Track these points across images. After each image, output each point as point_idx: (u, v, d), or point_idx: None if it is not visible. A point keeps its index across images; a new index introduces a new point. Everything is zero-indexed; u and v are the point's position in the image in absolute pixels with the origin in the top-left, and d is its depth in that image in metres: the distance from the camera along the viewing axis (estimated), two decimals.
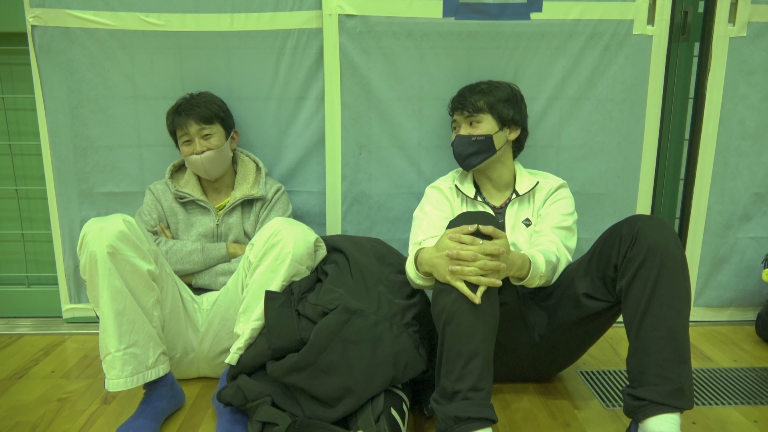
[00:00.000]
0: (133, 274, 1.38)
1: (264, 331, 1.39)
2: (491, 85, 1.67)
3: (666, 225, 1.26)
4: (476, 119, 1.63)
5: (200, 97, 1.76)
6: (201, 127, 1.71)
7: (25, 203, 2.13)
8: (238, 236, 1.77)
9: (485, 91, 1.65)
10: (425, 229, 1.59)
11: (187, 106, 1.72)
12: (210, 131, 1.73)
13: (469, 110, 1.63)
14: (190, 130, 1.70)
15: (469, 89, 1.68)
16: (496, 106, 1.63)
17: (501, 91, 1.65)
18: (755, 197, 2.05)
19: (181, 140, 1.73)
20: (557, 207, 1.61)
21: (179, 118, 1.71)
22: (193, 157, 1.71)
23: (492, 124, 1.63)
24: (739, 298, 2.12)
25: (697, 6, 1.97)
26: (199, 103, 1.73)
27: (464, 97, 1.66)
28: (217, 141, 1.73)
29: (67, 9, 1.85)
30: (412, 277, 1.43)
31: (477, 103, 1.63)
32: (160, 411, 1.42)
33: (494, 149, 1.63)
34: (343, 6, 1.87)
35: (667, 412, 1.17)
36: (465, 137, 1.64)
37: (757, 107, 1.99)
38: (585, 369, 1.75)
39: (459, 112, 1.67)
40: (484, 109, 1.63)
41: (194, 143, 1.71)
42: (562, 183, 1.67)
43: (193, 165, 1.73)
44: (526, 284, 1.38)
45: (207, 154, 1.71)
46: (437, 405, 1.24)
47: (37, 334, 2.03)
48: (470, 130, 1.64)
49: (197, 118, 1.70)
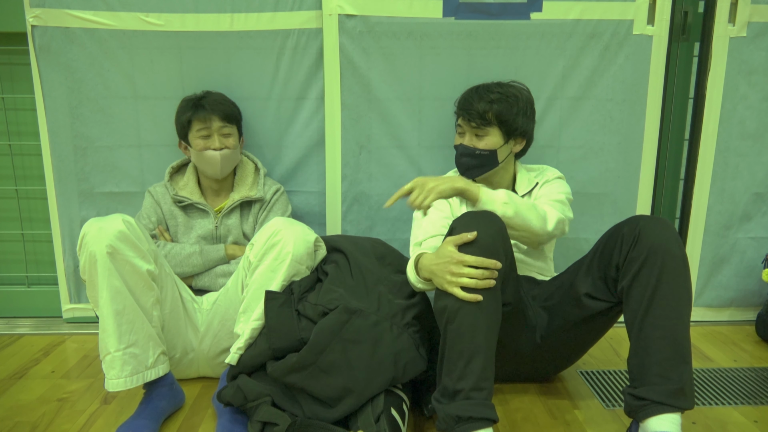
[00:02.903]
0: (133, 273, 1.38)
1: (264, 331, 1.38)
2: (502, 93, 1.56)
3: (668, 225, 1.25)
4: (483, 132, 1.56)
5: (220, 95, 1.78)
6: (223, 125, 1.73)
7: (25, 203, 2.13)
8: (238, 238, 1.77)
9: (495, 101, 1.54)
10: (425, 228, 1.58)
11: (211, 101, 1.73)
12: (230, 131, 1.75)
13: (476, 122, 1.55)
14: (213, 124, 1.71)
15: (479, 95, 1.57)
16: (506, 120, 1.55)
17: (512, 101, 1.55)
18: (755, 197, 2.05)
19: (198, 133, 1.71)
20: (551, 188, 1.60)
21: (202, 111, 1.71)
22: (210, 153, 1.71)
23: (498, 137, 1.57)
24: (739, 298, 2.12)
25: (697, 6, 1.97)
26: (222, 101, 1.75)
27: (471, 104, 1.56)
28: (234, 142, 1.76)
29: (67, 9, 1.85)
30: (413, 281, 1.42)
31: (486, 115, 1.54)
32: (160, 411, 1.42)
33: (497, 163, 1.59)
34: (343, 6, 1.87)
35: (667, 411, 1.17)
36: (469, 149, 1.57)
37: (757, 107, 1.99)
38: (585, 369, 1.74)
39: (465, 120, 1.58)
40: (492, 122, 1.55)
41: (213, 138, 1.71)
42: (558, 175, 1.66)
43: (209, 160, 1.72)
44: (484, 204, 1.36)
45: (225, 152, 1.72)
46: (438, 404, 1.24)
47: (37, 334, 2.03)
48: (475, 142, 1.57)
49: (221, 114, 1.72)
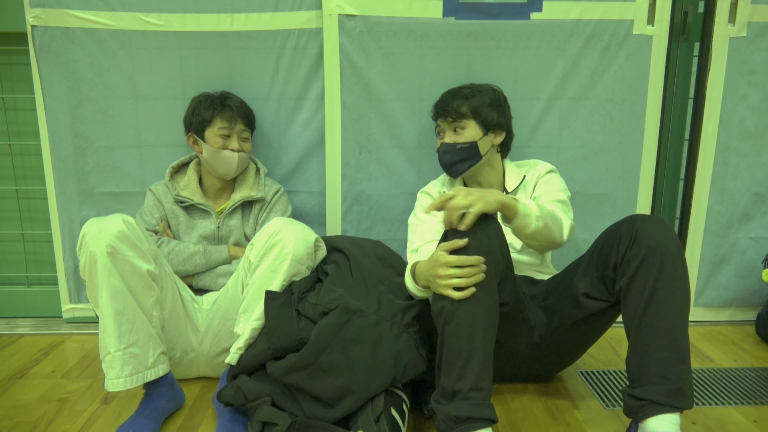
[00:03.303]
0: (133, 273, 1.38)
1: (264, 331, 1.38)
2: (473, 89, 1.65)
3: (665, 224, 1.25)
4: (460, 125, 1.62)
5: (240, 99, 1.80)
6: (244, 128, 1.77)
7: (25, 203, 2.13)
8: (239, 239, 1.77)
9: (468, 96, 1.62)
10: (420, 233, 1.60)
11: (237, 103, 1.76)
12: (248, 135, 1.80)
13: (452, 116, 1.61)
14: (236, 126, 1.74)
15: (452, 94, 1.65)
16: (480, 111, 1.61)
17: (484, 95, 1.63)
18: (755, 197, 2.05)
19: (219, 131, 1.72)
20: (549, 185, 1.61)
21: (229, 111, 1.73)
22: (228, 153, 1.72)
23: (476, 129, 1.62)
24: (739, 298, 2.12)
25: (697, 6, 1.97)
26: (246, 106, 1.80)
27: (446, 102, 1.64)
28: (250, 147, 1.81)
29: (67, 9, 1.85)
30: (412, 290, 1.43)
31: (460, 109, 1.61)
32: (160, 411, 1.42)
33: (480, 155, 1.62)
34: (343, 6, 1.87)
35: (667, 412, 1.17)
36: (450, 145, 1.63)
37: (757, 107, 1.99)
38: (585, 369, 1.74)
39: (442, 119, 1.65)
40: (468, 115, 1.61)
41: (233, 139, 1.73)
42: (550, 168, 1.66)
43: (224, 160, 1.72)
44: (520, 226, 1.32)
45: (242, 155, 1.75)
46: (437, 405, 1.24)
47: (37, 334, 2.03)
48: (455, 138, 1.63)
49: (245, 119, 1.77)
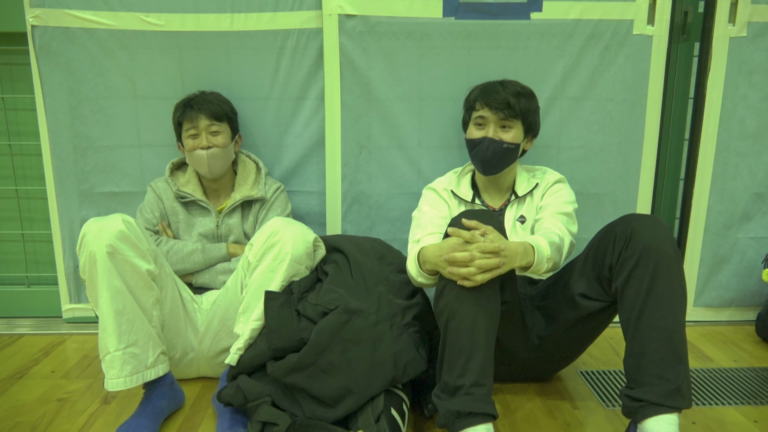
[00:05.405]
0: (133, 273, 1.38)
1: (264, 331, 1.39)
2: (525, 88, 1.56)
3: (660, 224, 1.24)
4: (509, 123, 1.53)
5: (212, 95, 1.79)
6: (211, 123, 1.73)
7: (25, 203, 2.13)
8: (239, 237, 1.77)
9: (521, 94, 1.53)
10: (424, 226, 1.58)
11: (199, 100, 1.74)
12: (218, 129, 1.75)
13: (505, 112, 1.51)
14: (199, 124, 1.72)
15: (503, 86, 1.54)
16: (528, 115, 1.55)
17: (533, 98, 1.57)
18: (755, 197, 2.05)
19: (187, 133, 1.73)
20: (557, 196, 1.59)
21: (190, 111, 1.72)
22: (199, 152, 1.72)
23: (520, 132, 1.56)
24: (739, 298, 2.12)
25: (697, 6, 1.97)
26: (211, 100, 1.76)
27: (499, 92, 1.51)
28: (224, 140, 1.75)
29: (67, 9, 1.85)
30: (414, 275, 1.42)
31: (515, 107, 1.51)
32: (160, 411, 1.43)
33: (516, 158, 1.59)
34: (343, 6, 1.87)
35: (665, 412, 1.17)
36: (497, 142, 1.52)
37: (757, 107, 1.98)
38: (585, 369, 1.74)
39: (493, 110, 1.52)
40: (518, 115, 1.53)
41: (201, 137, 1.72)
42: (560, 178, 1.64)
43: (197, 160, 1.73)
44: (534, 271, 1.33)
45: (213, 151, 1.72)
46: (438, 400, 1.25)
47: (37, 334, 2.03)
48: (501, 135, 1.53)
49: (208, 113, 1.73)
